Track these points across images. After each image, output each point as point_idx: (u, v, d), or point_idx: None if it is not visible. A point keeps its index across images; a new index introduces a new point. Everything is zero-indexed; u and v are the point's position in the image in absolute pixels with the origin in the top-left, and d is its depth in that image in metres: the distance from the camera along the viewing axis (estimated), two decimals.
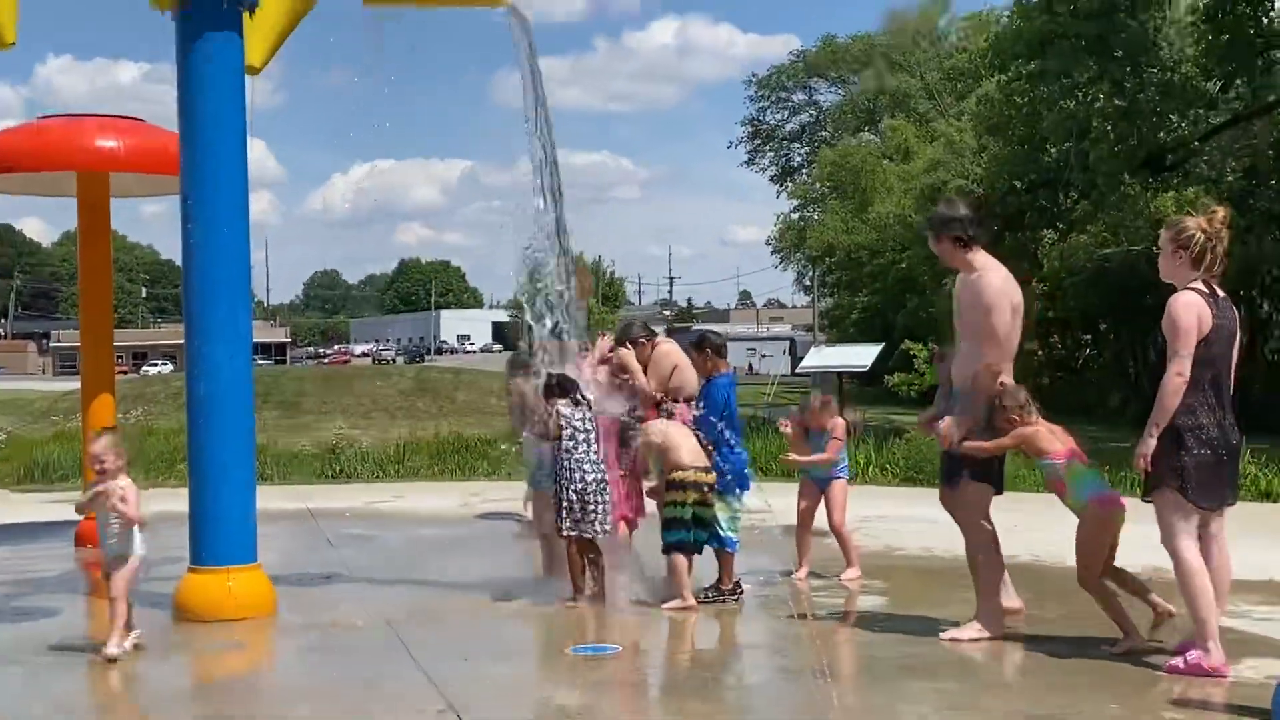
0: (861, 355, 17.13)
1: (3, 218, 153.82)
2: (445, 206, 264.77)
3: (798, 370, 16.99)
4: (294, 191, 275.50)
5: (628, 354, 9.26)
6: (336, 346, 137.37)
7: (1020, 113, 29.72)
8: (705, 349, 9.09)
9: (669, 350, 9.38)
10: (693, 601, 8.47)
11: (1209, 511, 6.83)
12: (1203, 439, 6.65)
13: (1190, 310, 6.63)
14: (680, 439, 8.56)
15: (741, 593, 8.84)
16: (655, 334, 9.60)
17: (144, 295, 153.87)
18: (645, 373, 9.26)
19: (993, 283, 7.44)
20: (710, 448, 8.66)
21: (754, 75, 71.30)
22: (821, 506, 9.90)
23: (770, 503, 9.42)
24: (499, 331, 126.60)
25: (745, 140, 71.53)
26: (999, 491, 7.85)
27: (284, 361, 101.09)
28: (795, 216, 64.41)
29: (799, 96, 70.45)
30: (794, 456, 9.93)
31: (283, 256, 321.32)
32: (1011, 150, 32.48)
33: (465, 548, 11.89)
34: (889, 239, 46.91)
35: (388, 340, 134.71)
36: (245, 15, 8.84)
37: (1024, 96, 28.66)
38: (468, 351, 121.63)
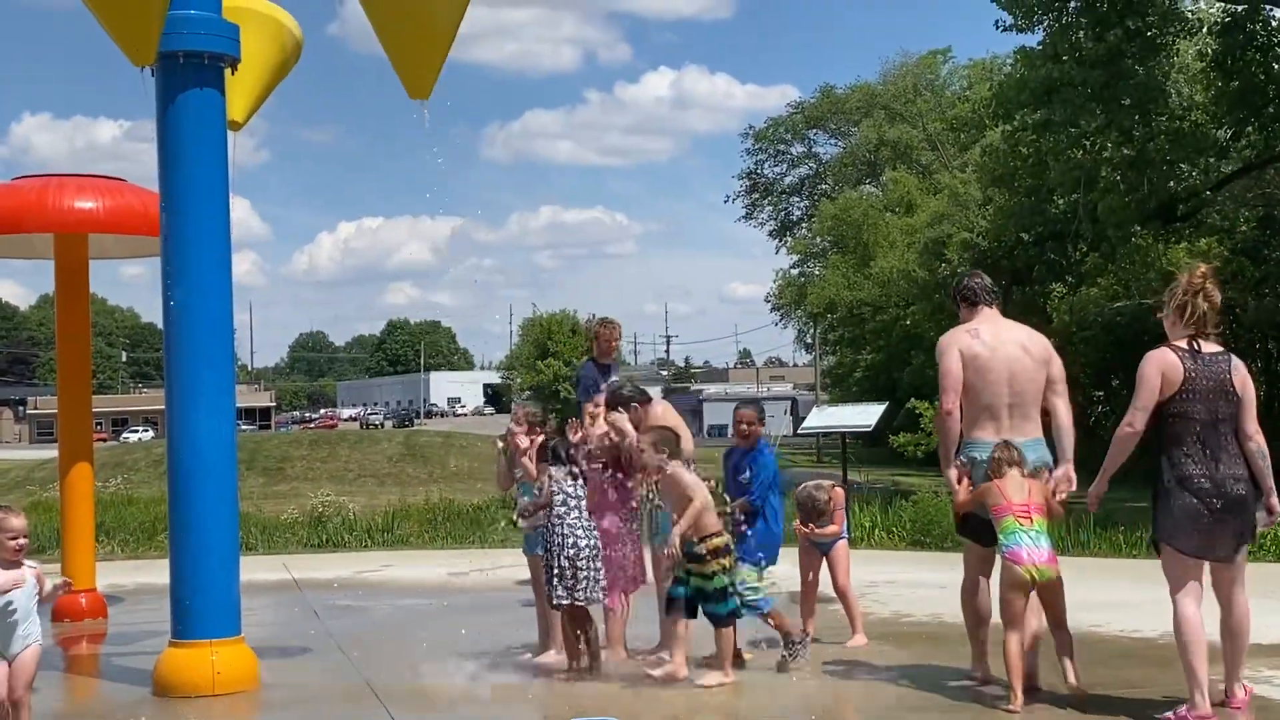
0: (865, 415, 16.81)
1: None
2: (435, 265, 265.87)
3: (800, 430, 16.74)
4: (278, 251, 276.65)
5: (620, 418, 8.91)
6: (323, 410, 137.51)
7: (1026, 163, 29.55)
8: (757, 415, 9.28)
9: (664, 412, 9.07)
10: (732, 677, 8.15)
11: (1207, 560, 6.89)
12: (1190, 489, 6.78)
13: (1152, 364, 6.91)
14: (709, 500, 8.27)
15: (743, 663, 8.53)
16: (647, 396, 9.26)
17: (124, 359, 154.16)
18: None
19: (944, 335, 8.13)
20: (748, 515, 8.77)
21: (751, 127, 71.40)
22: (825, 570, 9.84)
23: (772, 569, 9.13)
24: (491, 393, 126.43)
25: (743, 194, 71.54)
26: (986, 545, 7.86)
27: (268, 426, 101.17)
28: (795, 272, 64.39)
29: (797, 149, 70.52)
30: (802, 528, 9.80)
31: (267, 318, 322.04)
32: (1018, 202, 32.32)
33: (455, 618, 11.56)
34: (892, 294, 46.76)
35: (376, 404, 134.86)
36: (227, 71, 8.66)
37: (1030, 146, 28.49)
38: (459, 414, 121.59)
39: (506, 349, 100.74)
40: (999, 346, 7.79)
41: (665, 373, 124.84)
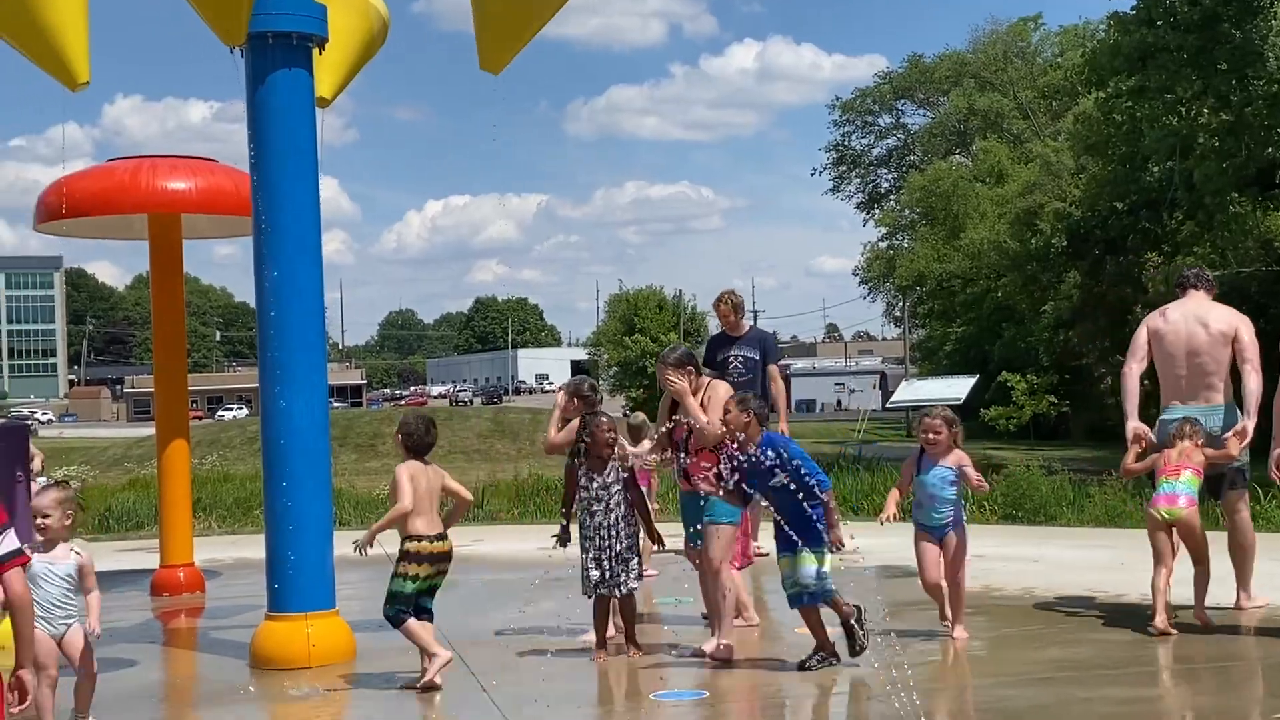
0: (955, 388, 16.65)
1: (74, 262, 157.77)
2: (521, 242, 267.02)
3: (889, 405, 16.62)
4: (368, 230, 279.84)
5: (682, 387, 8.44)
6: (413, 388, 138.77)
7: (1120, 131, 29.04)
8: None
9: (728, 389, 8.53)
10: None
11: None
12: None
13: None
14: None
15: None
16: (699, 367, 8.67)
17: (218, 338, 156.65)
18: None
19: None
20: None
21: (837, 99, 70.84)
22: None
23: (858, 543, 9.03)
24: (578, 369, 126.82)
25: (830, 167, 71.00)
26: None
27: (359, 404, 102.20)
28: (883, 245, 63.81)
29: (885, 120, 69.88)
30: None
31: (357, 296, 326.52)
32: (1112, 170, 31.78)
33: (546, 592, 11.61)
34: (983, 266, 46.22)
35: (464, 380, 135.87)
36: (315, 51, 8.72)
37: (1124, 113, 27.98)
38: (546, 391, 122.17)
39: (593, 325, 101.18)
40: (1180, 323, 9.03)
41: None
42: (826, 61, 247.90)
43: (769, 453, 7.81)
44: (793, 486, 7.74)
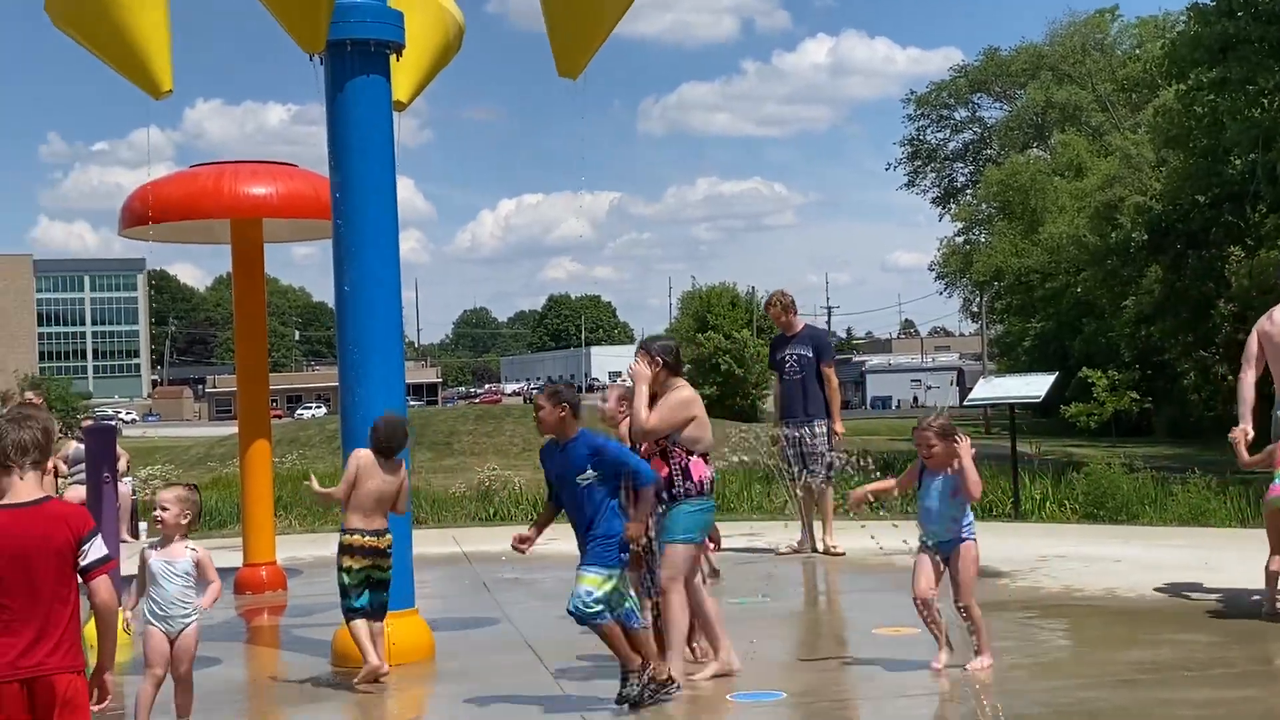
0: (1035, 385, 16.40)
1: (157, 264, 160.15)
2: (594, 240, 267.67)
3: (966, 402, 16.56)
4: (442, 229, 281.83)
5: (640, 370, 7.75)
6: (487, 385, 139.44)
7: (1201, 123, 28.61)
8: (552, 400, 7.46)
9: (692, 398, 7.76)
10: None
11: None
12: None
13: None
14: None
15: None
16: (678, 363, 7.86)
17: (297, 338, 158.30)
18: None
19: None
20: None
21: (912, 93, 70.26)
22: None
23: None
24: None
25: (905, 161, 70.51)
26: None
27: (435, 402, 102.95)
28: (960, 240, 63.28)
29: (961, 113, 69.28)
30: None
31: (432, 295, 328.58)
32: (1193, 163, 31.31)
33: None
34: (1062, 261, 45.71)
35: (538, 378, 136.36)
36: (392, 57, 8.83)
37: (1205, 105, 27.57)
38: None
39: (666, 322, 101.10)
40: None
41: None
42: (900, 55, 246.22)
43: (582, 451, 7.27)
44: (597, 496, 7.20)
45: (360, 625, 7.94)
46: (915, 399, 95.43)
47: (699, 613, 7.75)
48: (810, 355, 12.80)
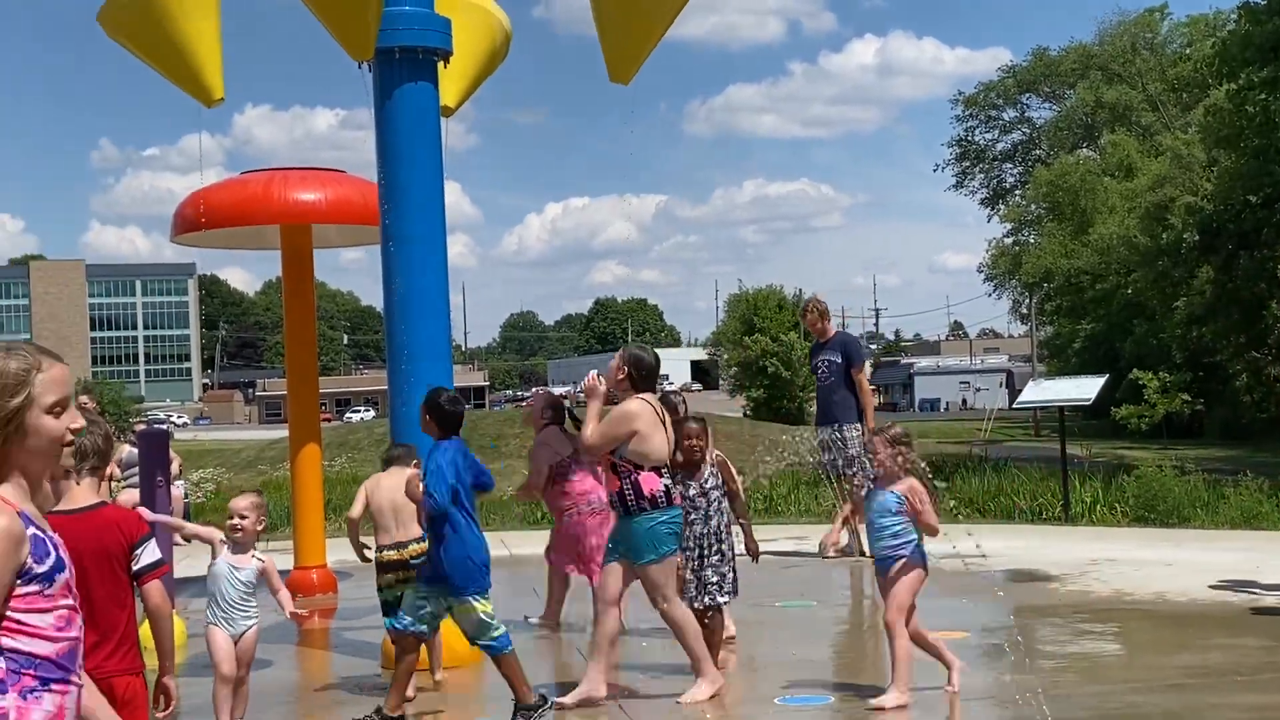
0: (1085, 387, 16.30)
1: (207, 269, 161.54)
2: (641, 243, 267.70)
3: (1016, 404, 16.45)
4: (489, 233, 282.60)
5: (592, 384, 7.60)
6: (535, 389, 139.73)
7: (1253, 123, 28.28)
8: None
9: (636, 412, 7.49)
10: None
11: None
12: None
13: None
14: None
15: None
16: (645, 376, 7.63)
17: (345, 342, 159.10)
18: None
19: None
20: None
21: (960, 93, 69.90)
22: None
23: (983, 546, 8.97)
24: (698, 370, 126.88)
25: (953, 162, 70.12)
26: None
27: (483, 405, 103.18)
28: (1009, 241, 62.84)
29: (1010, 114, 68.82)
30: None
31: (479, 299, 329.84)
32: (1244, 163, 30.94)
33: None
34: (1113, 262, 45.33)
35: None
36: (440, 64, 8.90)
37: (1256, 105, 27.25)
38: (666, 391, 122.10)
39: (713, 325, 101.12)
40: None
41: (875, 346, 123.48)
42: (949, 55, 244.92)
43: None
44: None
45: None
46: (964, 401, 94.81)
47: (603, 629, 7.51)
48: (839, 361, 12.84)
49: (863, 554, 13.06)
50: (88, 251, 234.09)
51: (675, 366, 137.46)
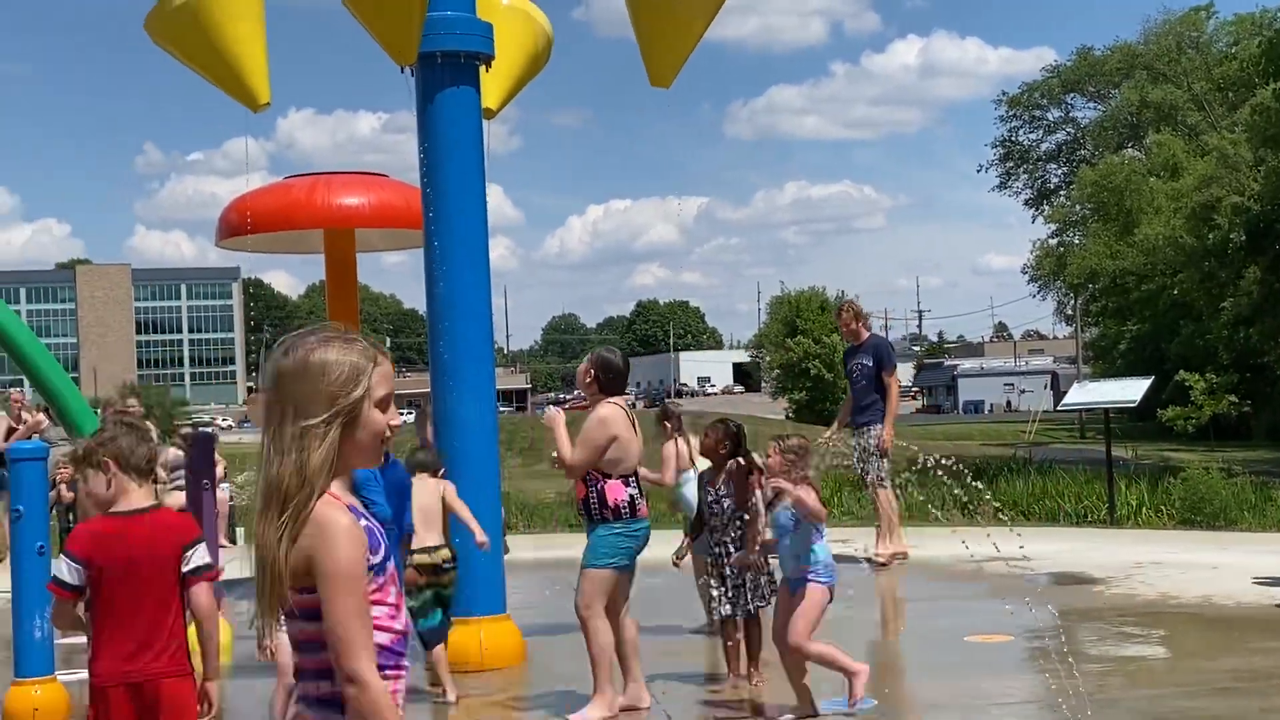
0: (1130, 389, 16.20)
1: (251, 272, 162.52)
2: (682, 245, 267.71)
3: (1061, 406, 16.33)
4: (530, 235, 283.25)
5: (553, 414, 7.52)
6: (576, 391, 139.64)
7: None
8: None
9: (609, 416, 7.33)
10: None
11: None
12: None
13: None
14: None
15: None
16: (613, 379, 7.48)
17: (388, 345, 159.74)
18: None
19: None
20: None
21: (1004, 94, 69.48)
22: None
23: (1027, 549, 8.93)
24: (740, 372, 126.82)
25: (996, 163, 69.71)
26: None
27: (525, 408, 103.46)
28: (1054, 241, 62.42)
29: (1054, 114, 68.35)
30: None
31: (521, 301, 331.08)
32: None
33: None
34: (1158, 262, 44.96)
35: (629, 384, 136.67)
36: (481, 68, 8.94)
37: None
38: (708, 393, 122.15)
39: (755, 327, 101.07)
40: None
41: (918, 348, 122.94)
42: (992, 55, 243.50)
43: None
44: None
45: (439, 653, 7.96)
46: (1009, 403, 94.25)
47: (619, 642, 7.36)
48: (871, 364, 12.81)
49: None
50: (133, 255, 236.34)
51: (717, 369, 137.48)
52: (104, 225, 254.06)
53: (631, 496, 7.28)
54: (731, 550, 7.88)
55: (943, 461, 8.63)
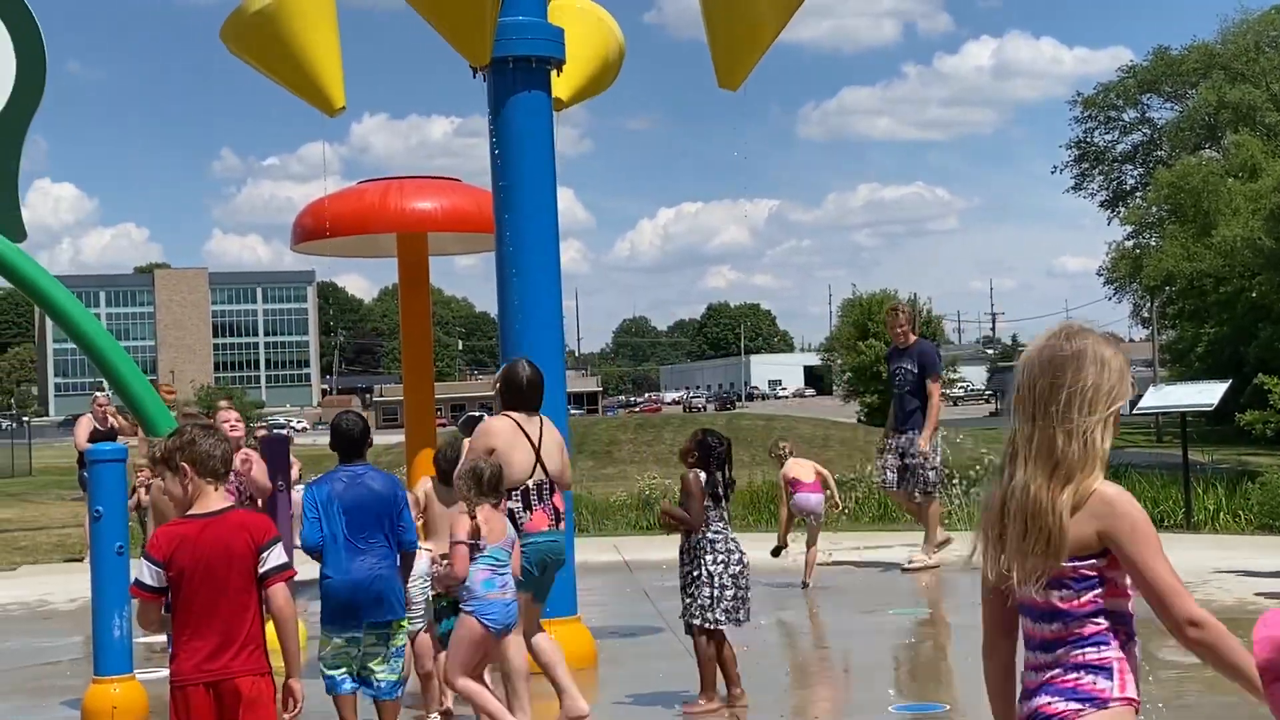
0: (1206, 393, 15.96)
1: (325, 275, 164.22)
2: (753, 248, 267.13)
3: (1136, 410, 16.09)
4: (601, 238, 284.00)
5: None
6: (647, 394, 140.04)
7: None
8: None
9: (490, 428, 7.21)
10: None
11: None
12: None
13: None
14: None
15: None
16: (511, 391, 7.31)
17: (460, 347, 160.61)
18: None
19: None
20: None
21: (1079, 94, 68.74)
22: None
23: None
24: (811, 375, 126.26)
25: (1071, 164, 68.99)
26: None
27: (595, 411, 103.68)
28: (1130, 243, 61.65)
29: (1130, 114, 67.54)
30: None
31: (591, 304, 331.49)
32: None
33: (779, 600, 11.66)
34: (1236, 264, 44.30)
35: (697, 387, 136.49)
36: (553, 73, 8.99)
37: None
38: (779, 397, 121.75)
39: (826, 330, 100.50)
40: None
41: (991, 350, 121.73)
42: (1067, 55, 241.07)
43: None
44: None
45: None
46: None
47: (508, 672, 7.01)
48: (915, 370, 12.70)
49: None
50: (210, 259, 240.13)
51: (788, 372, 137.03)
52: (182, 230, 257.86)
53: (510, 511, 6.94)
54: (683, 560, 7.69)
55: None
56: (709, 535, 7.50)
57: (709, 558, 7.48)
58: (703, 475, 7.56)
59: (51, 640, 11.13)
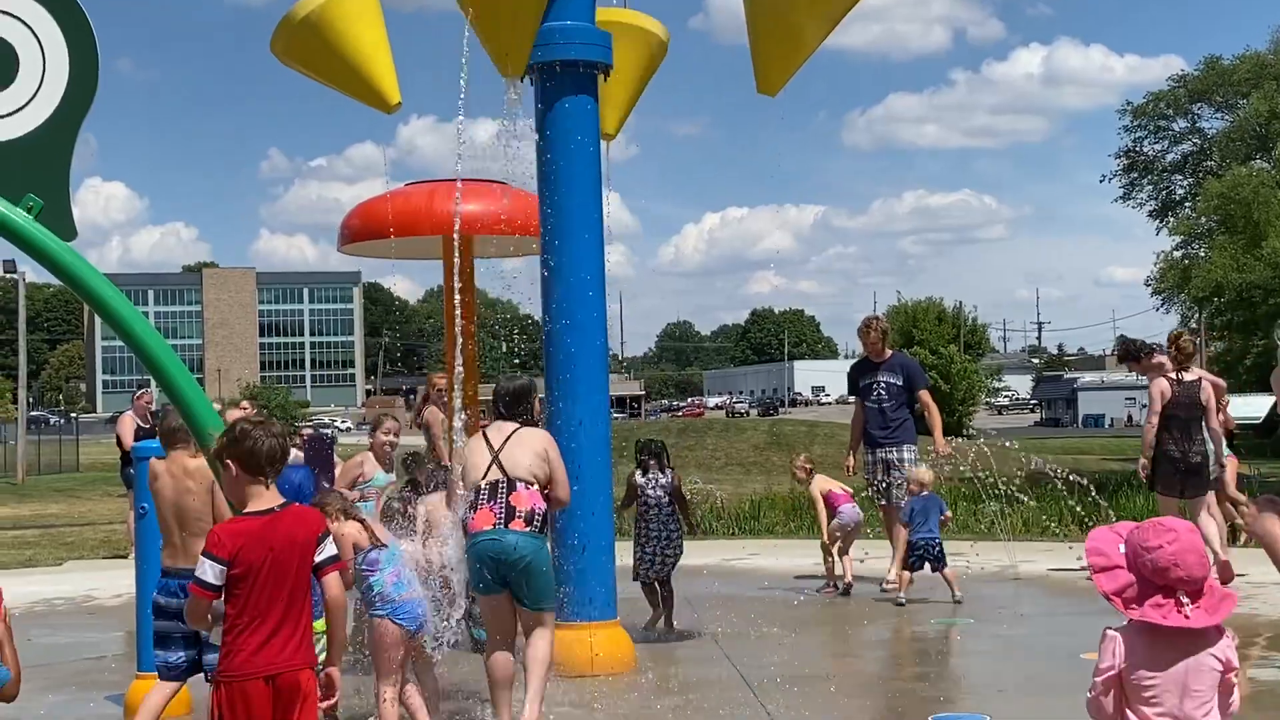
0: (1252, 406, 15.87)
1: (371, 277, 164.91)
2: (798, 254, 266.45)
3: None
4: (646, 243, 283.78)
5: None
6: (690, 399, 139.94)
7: None
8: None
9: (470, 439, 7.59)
10: None
11: None
12: None
13: None
14: None
15: None
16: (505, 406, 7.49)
17: (504, 350, 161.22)
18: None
19: None
20: None
21: (1129, 103, 68.16)
22: None
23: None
24: None
25: (1120, 173, 68.40)
26: None
27: (638, 415, 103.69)
28: (1178, 254, 61.10)
29: (1180, 124, 66.94)
30: None
31: (636, 309, 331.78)
32: None
33: (820, 608, 11.63)
34: None
35: (741, 392, 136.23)
36: (600, 77, 9.00)
37: None
38: (823, 403, 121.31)
39: None
40: None
41: (1036, 360, 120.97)
42: (1118, 64, 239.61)
43: None
44: None
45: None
46: (1129, 418, 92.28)
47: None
48: (900, 384, 12.54)
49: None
50: (257, 259, 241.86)
51: (832, 378, 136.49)
52: (230, 229, 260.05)
53: (461, 518, 7.17)
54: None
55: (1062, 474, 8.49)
56: None
57: None
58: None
59: (97, 635, 11.25)
